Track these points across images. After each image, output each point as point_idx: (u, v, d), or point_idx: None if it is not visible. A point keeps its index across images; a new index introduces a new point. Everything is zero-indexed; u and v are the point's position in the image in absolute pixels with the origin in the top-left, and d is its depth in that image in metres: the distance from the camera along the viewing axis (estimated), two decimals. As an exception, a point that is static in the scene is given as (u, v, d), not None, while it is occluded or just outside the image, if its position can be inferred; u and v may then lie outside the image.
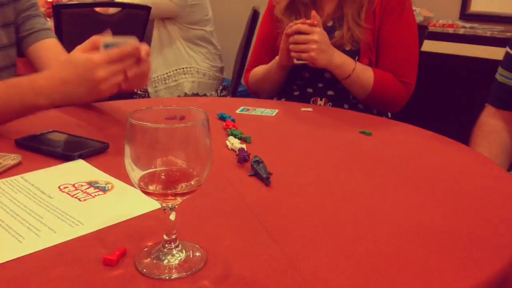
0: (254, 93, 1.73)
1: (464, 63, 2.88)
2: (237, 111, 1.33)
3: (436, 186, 0.87)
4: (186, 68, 2.73)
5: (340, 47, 1.50)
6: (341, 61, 1.44)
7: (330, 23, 1.56)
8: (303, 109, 1.38)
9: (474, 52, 2.82)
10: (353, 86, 1.49)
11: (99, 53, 0.98)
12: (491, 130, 1.36)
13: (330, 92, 1.57)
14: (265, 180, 0.83)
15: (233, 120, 1.18)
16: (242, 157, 0.92)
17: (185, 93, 2.71)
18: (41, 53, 1.36)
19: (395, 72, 1.52)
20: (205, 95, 2.79)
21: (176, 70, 2.72)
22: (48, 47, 1.38)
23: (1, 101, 1.00)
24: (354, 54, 1.51)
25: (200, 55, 2.77)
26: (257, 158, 0.90)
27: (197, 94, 2.74)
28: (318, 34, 1.39)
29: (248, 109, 1.36)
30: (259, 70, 1.67)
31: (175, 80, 2.71)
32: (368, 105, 1.57)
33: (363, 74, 1.47)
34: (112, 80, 0.98)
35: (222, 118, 1.22)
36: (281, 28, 1.55)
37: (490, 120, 1.39)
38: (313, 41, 1.38)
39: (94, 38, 1.01)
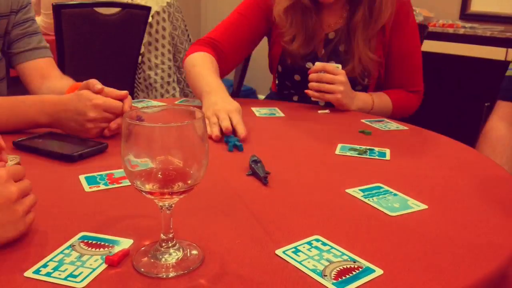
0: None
1: (464, 63, 2.88)
2: (176, 102, 1.43)
3: (435, 185, 0.87)
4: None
5: (351, 82, 1.40)
6: (361, 104, 1.42)
7: (332, 36, 1.48)
8: (320, 111, 1.37)
9: (474, 52, 2.82)
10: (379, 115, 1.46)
11: (97, 97, 1.03)
12: (497, 137, 1.27)
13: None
14: (263, 180, 0.84)
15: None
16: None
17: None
18: (29, 74, 1.39)
19: (406, 83, 1.51)
20: None
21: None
22: (38, 67, 1.39)
23: (7, 114, 1.05)
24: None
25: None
26: (255, 158, 0.90)
27: None
28: (344, 76, 1.34)
29: (188, 101, 1.45)
30: (193, 63, 1.37)
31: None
32: None
33: (381, 104, 1.46)
34: (101, 125, 1.03)
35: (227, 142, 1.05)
36: (277, 38, 1.49)
37: (498, 124, 1.31)
38: (340, 82, 1.33)
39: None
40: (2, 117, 1.04)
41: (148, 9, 2.41)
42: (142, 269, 0.58)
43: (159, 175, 0.56)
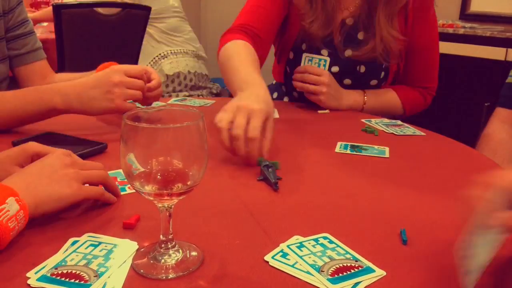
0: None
1: (464, 63, 2.88)
2: (170, 101, 1.43)
3: (435, 184, 0.87)
4: (160, 54, 2.74)
5: (368, 58, 1.39)
6: (352, 102, 1.40)
7: (350, 22, 1.40)
8: (319, 111, 1.36)
9: (474, 52, 2.82)
10: (374, 114, 1.40)
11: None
12: (499, 140, 1.25)
13: None
14: (273, 185, 0.82)
15: None
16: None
17: (166, 74, 2.70)
18: (28, 77, 1.38)
19: (420, 78, 1.48)
20: (196, 72, 2.78)
21: (152, 60, 2.74)
22: (36, 71, 1.39)
23: (22, 102, 1.03)
24: (381, 66, 1.42)
25: (176, 43, 2.78)
26: (267, 163, 0.88)
27: (179, 73, 2.73)
28: (327, 76, 1.33)
29: (185, 99, 1.46)
30: (228, 54, 1.25)
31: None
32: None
33: (377, 102, 1.43)
34: (127, 91, 1.02)
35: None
36: (296, 19, 1.42)
37: (500, 127, 1.29)
38: (323, 84, 1.33)
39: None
40: (17, 106, 1.02)
41: (148, 9, 2.41)
42: (142, 271, 0.58)
43: (159, 176, 0.56)
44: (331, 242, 0.65)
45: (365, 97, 1.42)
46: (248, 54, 1.23)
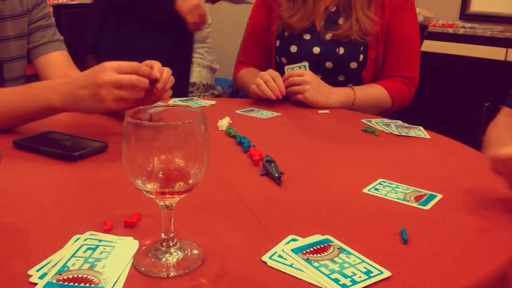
0: (241, 90, 1.77)
1: (464, 63, 2.88)
2: (172, 101, 1.40)
3: (436, 184, 0.87)
4: None
5: (346, 37, 1.50)
6: (342, 98, 1.44)
7: (333, 9, 1.53)
8: (319, 111, 1.37)
9: (473, 52, 2.82)
10: (365, 110, 1.45)
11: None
12: (508, 128, 1.25)
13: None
14: (277, 180, 0.83)
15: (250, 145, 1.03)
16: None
17: None
18: (46, 67, 1.37)
19: (400, 67, 1.54)
20: (207, 83, 2.79)
21: None
22: (54, 61, 1.38)
23: (20, 99, 1.02)
24: (360, 45, 1.50)
25: (197, 52, 2.78)
26: (269, 158, 0.89)
27: (192, 84, 2.73)
28: (308, 75, 1.41)
29: (192, 99, 1.48)
30: (244, 75, 1.67)
31: None
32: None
33: (367, 97, 1.48)
34: (115, 92, 0.95)
35: (241, 143, 1.04)
36: (277, 14, 1.57)
37: (508, 118, 1.29)
38: (304, 81, 1.39)
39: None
40: (16, 104, 1.01)
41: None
42: (143, 269, 0.58)
43: (160, 175, 0.56)
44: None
45: (354, 92, 1.46)
46: (254, 72, 1.63)
